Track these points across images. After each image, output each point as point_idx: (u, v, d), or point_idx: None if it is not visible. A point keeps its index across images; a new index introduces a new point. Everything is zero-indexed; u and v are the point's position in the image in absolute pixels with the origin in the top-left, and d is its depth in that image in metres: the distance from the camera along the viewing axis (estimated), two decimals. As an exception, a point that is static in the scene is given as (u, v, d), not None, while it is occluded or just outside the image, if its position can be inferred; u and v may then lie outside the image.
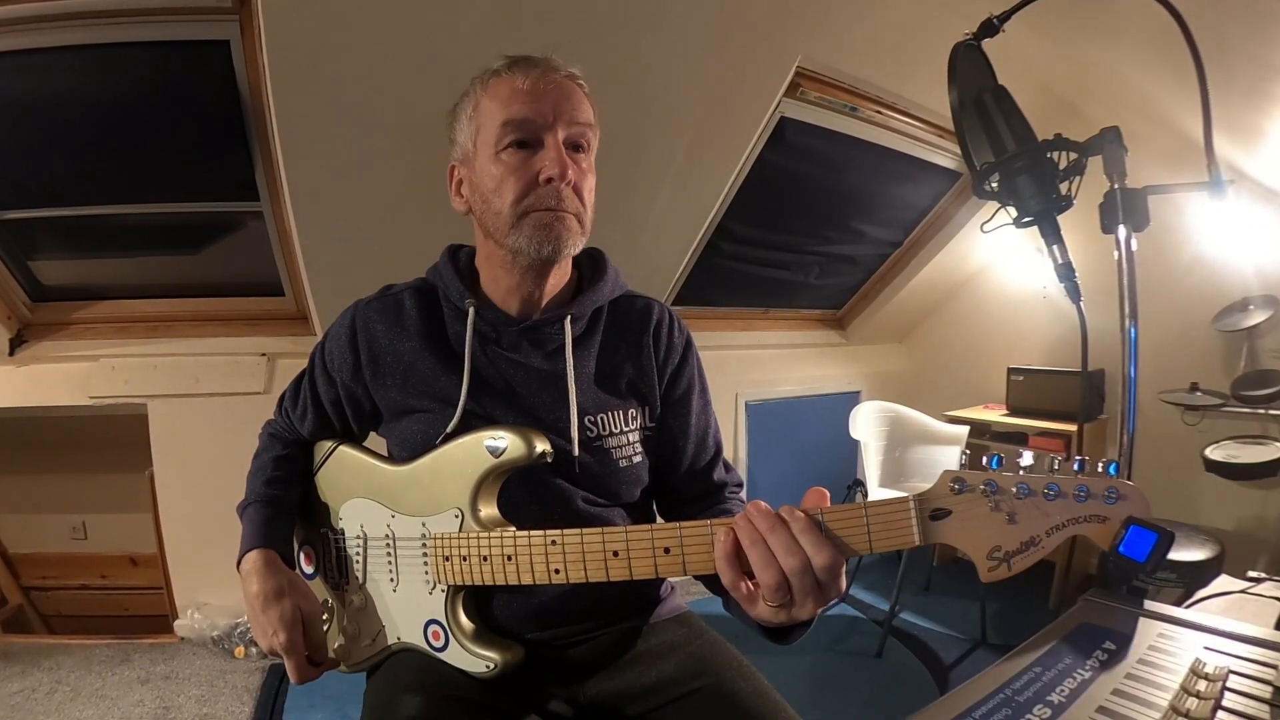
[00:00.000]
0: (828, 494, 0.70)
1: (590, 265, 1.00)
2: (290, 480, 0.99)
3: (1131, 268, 1.18)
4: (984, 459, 0.66)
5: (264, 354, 2.44)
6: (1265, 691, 0.58)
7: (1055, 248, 1.27)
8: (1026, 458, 0.64)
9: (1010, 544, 0.63)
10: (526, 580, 0.80)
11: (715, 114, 2.20)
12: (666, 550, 0.74)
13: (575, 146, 0.87)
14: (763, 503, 0.69)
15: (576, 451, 0.90)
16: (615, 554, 0.76)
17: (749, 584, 0.70)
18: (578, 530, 0.78)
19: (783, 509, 0.68)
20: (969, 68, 1.38)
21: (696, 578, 0.83)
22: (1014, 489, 0.63)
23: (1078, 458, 0.63)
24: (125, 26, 1.72)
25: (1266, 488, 2.49)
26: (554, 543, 0.78)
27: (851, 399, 3.60)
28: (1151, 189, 1.19)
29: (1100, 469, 0.63)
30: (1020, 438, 2.99)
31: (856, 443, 2.75)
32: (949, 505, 0.65)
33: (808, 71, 2.24)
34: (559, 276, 0.94)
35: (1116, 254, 1.19)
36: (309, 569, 1.01)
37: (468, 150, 0.88)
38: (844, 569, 0.67)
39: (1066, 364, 3.09)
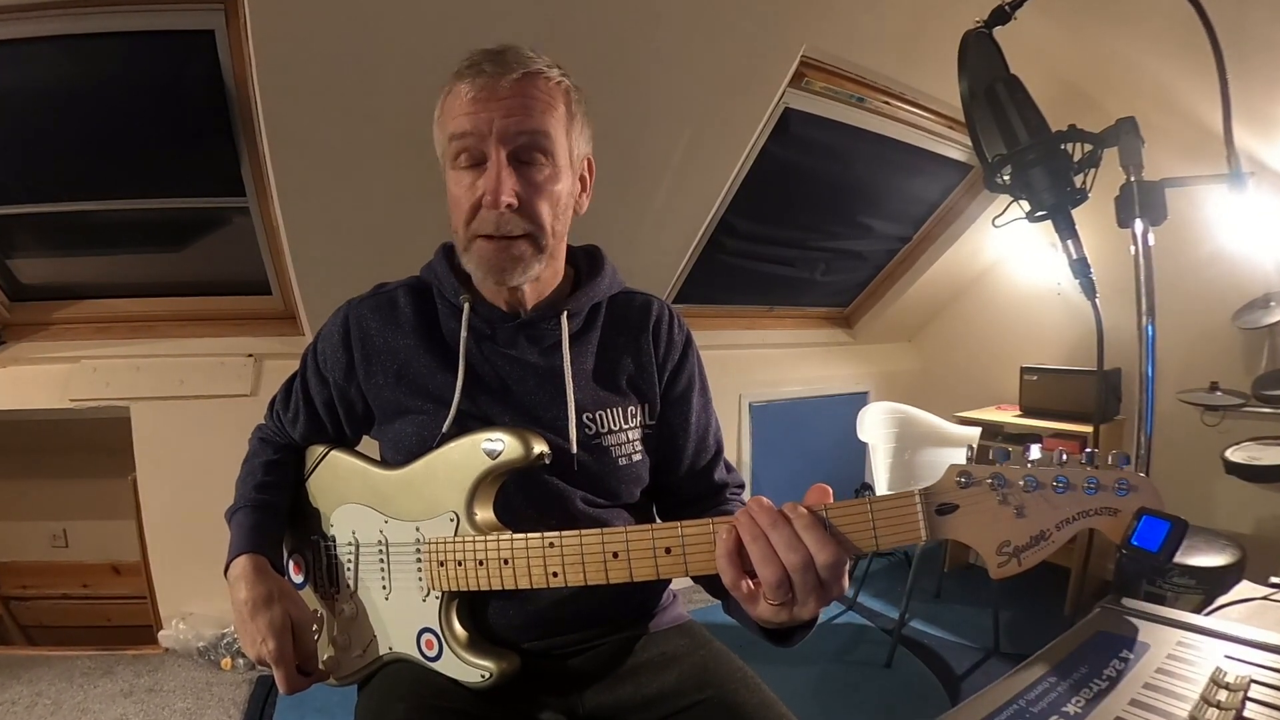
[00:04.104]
0: (830, 491, 0.69)
1: (587, 262, 1.00)
2: (281, 485, 0.98)
3: (1149, 263, 1.18)
4: (990, 453, 0.67)
5: (250, 355, 2.41)
6: (1288, 701, 0.58)
7: (1070, 242, 1.27)
8: (1034, 451, 0.64)
9: (1019, 538, 0.62)
10: (524, 584, 0.79)
11: (717, 105, 2.18)
12: (668, 550, 0.73)
13: (526, 159, 0.83)
14: (764, 498, 0.68)
15: (575, 449, 0.88)
16: (615, 555, 0.75)
17: (750, 582, 0.69)
18: (576, 532, 0.77)
19: (785, 505, 0.67)
20: (980, 57, 1.39)
21: (697, 580, 0.84)
22: (1021, 482, 0.62)
23: (1086, 450, 0.63)
24: (105, 16, 1.69)
25: (1289, 491, 2.44)
26: (552, 545, 0.77)
27: (859, 399, 3.59)
28: (1169, 181, 1.19)
29: (1110, 461, 0.62)
30: (1034, 439, 2.91)
31: (864, 445, 2.72)
32: (955, 499, 0.64)
33: (813, 61, 2.21)
34: (546, 277, 0.93)
35: (1133, 249, 1.19)
36: (298, 578, 0.99)
37: (439, 156, 0.88)
38: (847, 567, 0.67)
39: (1082, 363, 3.06)
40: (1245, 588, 0.95)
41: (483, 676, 0.83)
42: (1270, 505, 2.53)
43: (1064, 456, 0.63)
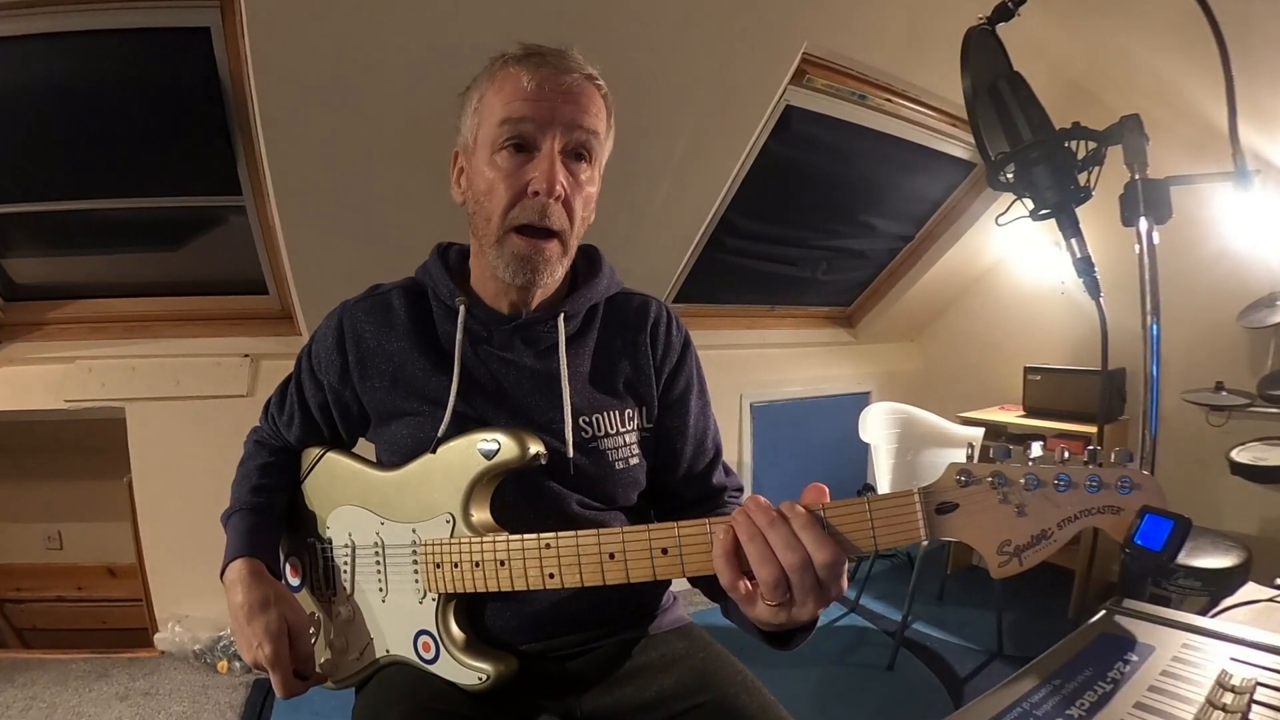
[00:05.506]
0: (827, 490, 0.69)
1: (585, 262, 0.98)
2: (277, 488, 0.98)
3: (1153, 262, 1.16)
4: (991, 452, 0.64)
5: (247, 355, 2.40)
6: (1294, 704, 0.57)
7: (1074, 241, 1.25)
8: (1035, 449, 0.63)
9: (1020, 537, 0.61)
10: (520, 586, 0.79)
11: (718, 103, 2.16)
12: (664, 551, 0.73)
13: (576, 155, 0.84)
14: (762, 497, 0.68)
15: (571, 453, 0.88)
16: (611, 556, 0.75)
17: (748, 583, 0.68)
18: (573, 533, 0.76)
19: (783, 504, 0.67)
20: (983, 53, 1.36)
21: (694, 583, 0.85)
22: (1023, 480, 0.61)
23: (1089, 449, 0.62)
24: (100, 13, 1.68)
25: (1295, 491, 2.42)
26: (548, 546, 0.77)
27: (861, 400, 3.57)
28: (1174, 179, 1.16)
29: (1113, 459, 0.61)
30: (1037, 439, 2.88)
31: (866, 445, 2.71)
32: (956, 498, 0.63)
33: (814, 58, 2.20)
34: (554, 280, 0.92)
35: (1138, 248, 1.17)
36: (295, 581, 0.99)
37: (468, 142, 0.87)
38: (845, 568, 0.66)
39: (1086, 363, 3.04)
40: (1251, 589, 0.95)
41: (480, 679, 0.82)
42: (1276, 506, 2.51)
43: (1066, 455, 0.62)
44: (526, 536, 0.78)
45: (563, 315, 0.91)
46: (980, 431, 2.82)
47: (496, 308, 0.91)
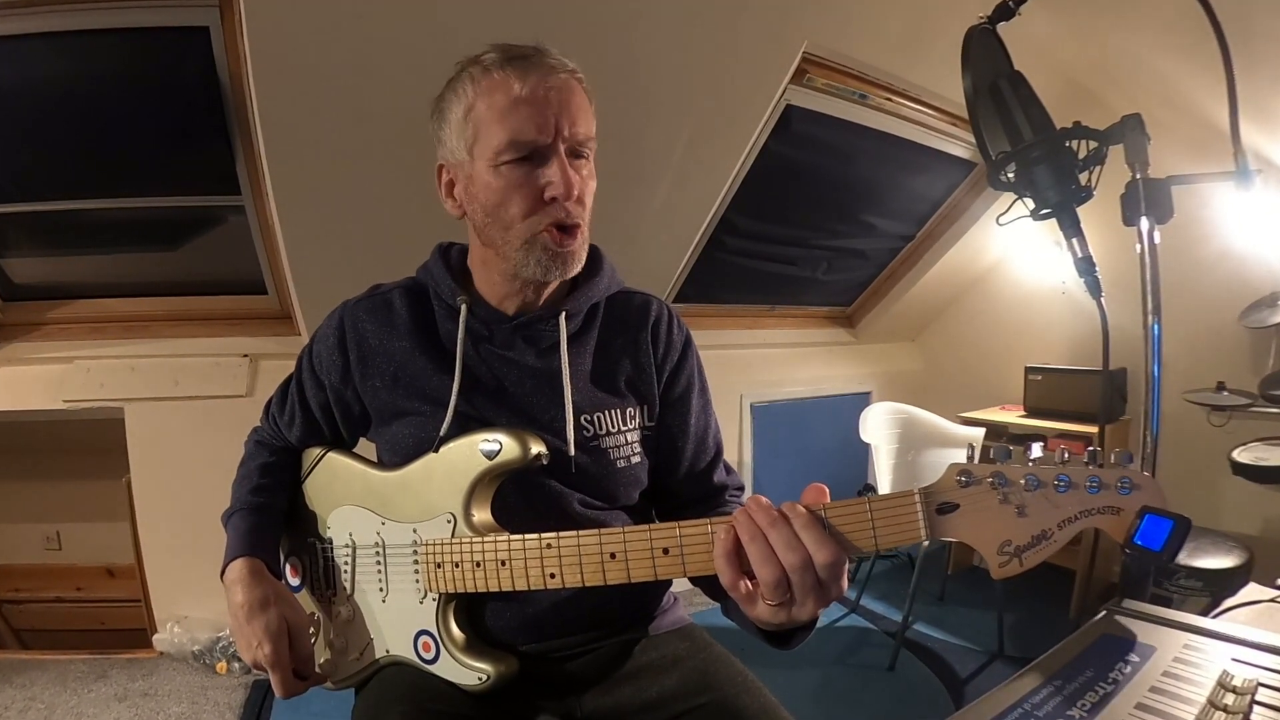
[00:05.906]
0: (827, 490, 0.69)
1: (586, 261, 0.97)
2: (277, 488, 0.98)
3: (1154, 262, 1.16)
4: (992, 452, 0.65)
5: (246, 355, 2.39)
6: (1296, 705, 0.57)
7: (1075, 241, 1.25)
8: (1035, 450, 0.63)
9: (1021, 538, 0.62)
10: (521, 586, 0.79)
11: (718, 102, 2.16)
12: (665, 551, 0.73)
13: (576, 153, 0.85)
14: (763, 497, 0.68)
15: (572, 451, 0.88)
16: (612, 556, 0.75)
17: (748, 583, 0.68)
18: (574, 533, 0.76)
19: (784, 505, 0.67)
20: (984, 53, 1.36)
21: (695, 582, 0.84)
22: (1023, 481, 0.62)
23: (1089, 449, 0.62)
24: (99, 12, 1.68)
25: (1297, 492, 2.41)
26: (549, 546, 0.77)
27: (861, 400, 3.56)
28: (1175, 179, 1.16)
29: (1113, 460, 0.61)
30: (1038, 440, 2.88)
31: (867, 446, 2.70)
32: (956, 499, 0.64)
33: (815, 57, 2.20)
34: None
35: (1139, 247, 1.16)
36: (295, 581, 0.99)
37: (461, 155, 0.85)
38: (846, 568, 0.66)
39: (1086, 363, 3.03)
40: (1252, 590, 0.95)
41: (480, 679, 0.82)
42: (1277, 506, 2.50)
43: (1066, 455, 0.62)
44: (528, 536, 0.78)
45: (564, 314, 0.91)
46: (981, 432, 2.81)
47: (503, 309, 0.91)
